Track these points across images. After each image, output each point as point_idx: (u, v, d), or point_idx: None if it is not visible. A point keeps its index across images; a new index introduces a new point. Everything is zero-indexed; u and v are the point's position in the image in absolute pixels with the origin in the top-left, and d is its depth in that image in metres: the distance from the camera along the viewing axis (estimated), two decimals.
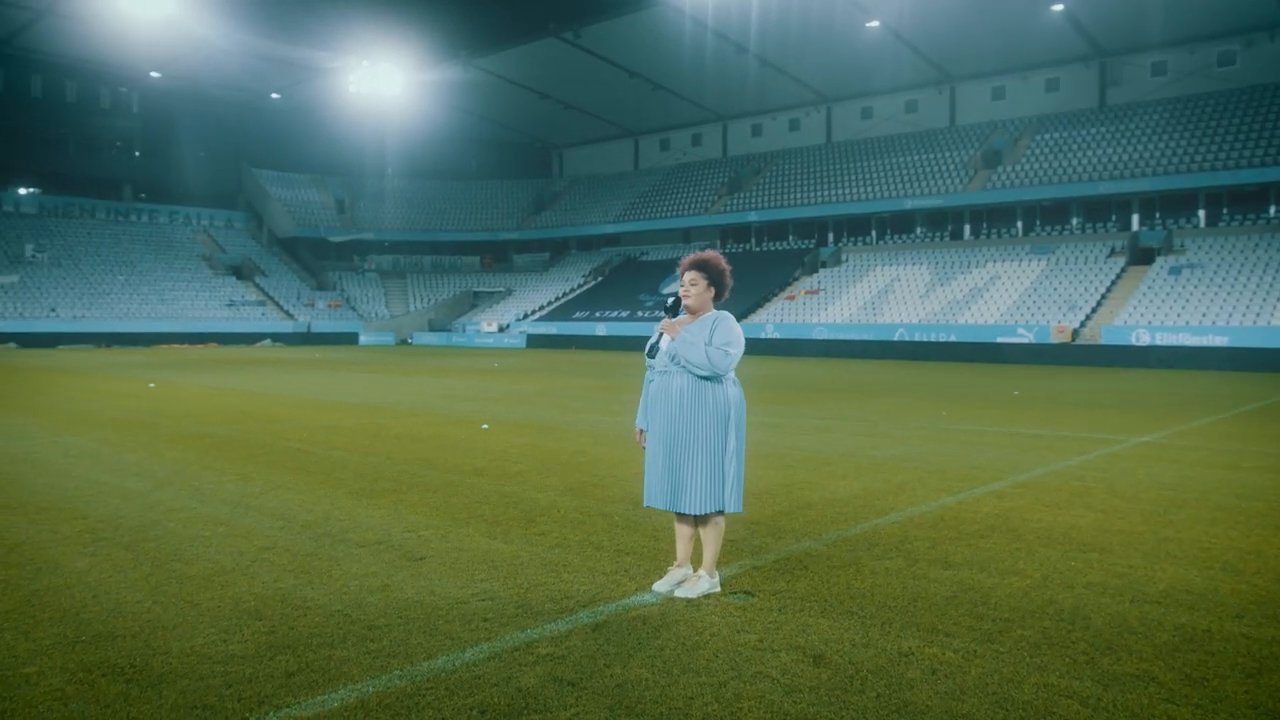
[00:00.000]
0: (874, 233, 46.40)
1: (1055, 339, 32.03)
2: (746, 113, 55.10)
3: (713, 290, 4.45)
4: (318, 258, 60.47)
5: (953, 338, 34.42)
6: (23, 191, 54.23)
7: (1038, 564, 4.93)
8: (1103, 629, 3.90)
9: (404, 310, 57.53)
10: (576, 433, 10.71)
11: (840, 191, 46.82)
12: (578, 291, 53.59)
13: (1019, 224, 41.73)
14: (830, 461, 8.53)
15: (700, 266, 4.43)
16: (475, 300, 59.55)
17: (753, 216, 49.65)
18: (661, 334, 4.41)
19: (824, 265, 45.75)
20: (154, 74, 52.39)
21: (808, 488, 7.18)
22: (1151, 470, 8.11)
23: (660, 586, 4.45)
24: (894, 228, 46.07)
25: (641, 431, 4.54)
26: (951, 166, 44.00)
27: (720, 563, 4.96)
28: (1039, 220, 41.39)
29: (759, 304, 43.35)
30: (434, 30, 44.82)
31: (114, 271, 49.94)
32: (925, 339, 35.09)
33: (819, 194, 47.64)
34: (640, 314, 45.97)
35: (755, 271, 46.59)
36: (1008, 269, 38.31)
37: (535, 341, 47.74)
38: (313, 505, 6.46)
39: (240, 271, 56.03)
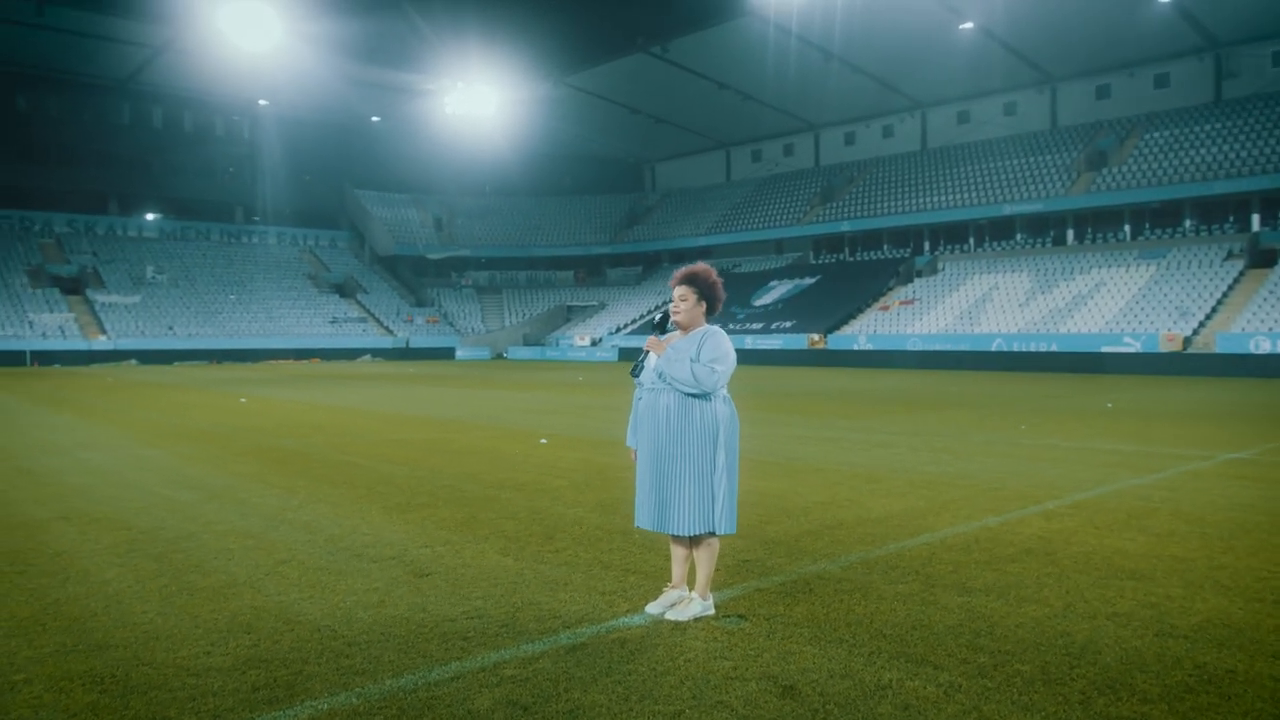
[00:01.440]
0: (971, 240, 45.05)
1: (1165, 348, 30.41)
2: (838, 121, 54.32)
3: (704, 305, 4.34)
4: (416, 275, 62.25)
5: (1053, 348, 33.06)
6: (149, 217, 57.56)
7: (1063, 591, 4.62)
8: (1111, 665, 3.61)
9: (499, 325, 58.64)
10: (621, 448, 10.64)
11: (936, 199, 45.64)
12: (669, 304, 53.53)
13: (1126, 228, 39.87)
14: (879, 479, 8.25)
15: (690, 281, 4.33)
16: (569, 314, 60.27)
17: (845, 226, 48.82)
18: (648, 352, 4.32)
19: (919, 274, 44.63)
20: (262, 102, 54.96)
21: (845, 506, 6.94)
22: (1228, 490, 7.55)
23: (653, 608, 4.34)
24: (992, 234, 44.64)
25: (635, 450, 4.45)
26: (1053, 169, 42.39)
27: (724, 584, 4.83)
28: (1148, 223, 39.46)
29: (852, 315, 42.57)
30: (526, 51, 45.70)
31: (226, 291, 52.43)
32: (1024, 349, 33.80)
33: (914, 202, 46.55)
34: (733, 326, 45.66)
35: (848, 282, 45.82)
36: (1114, 275, 36.60)
37: (627, 354, 47.94)
38: (344, 519, 6.57)
39: (343, 289, 58.09)
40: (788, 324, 43.23)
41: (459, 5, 41.61)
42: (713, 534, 4.22)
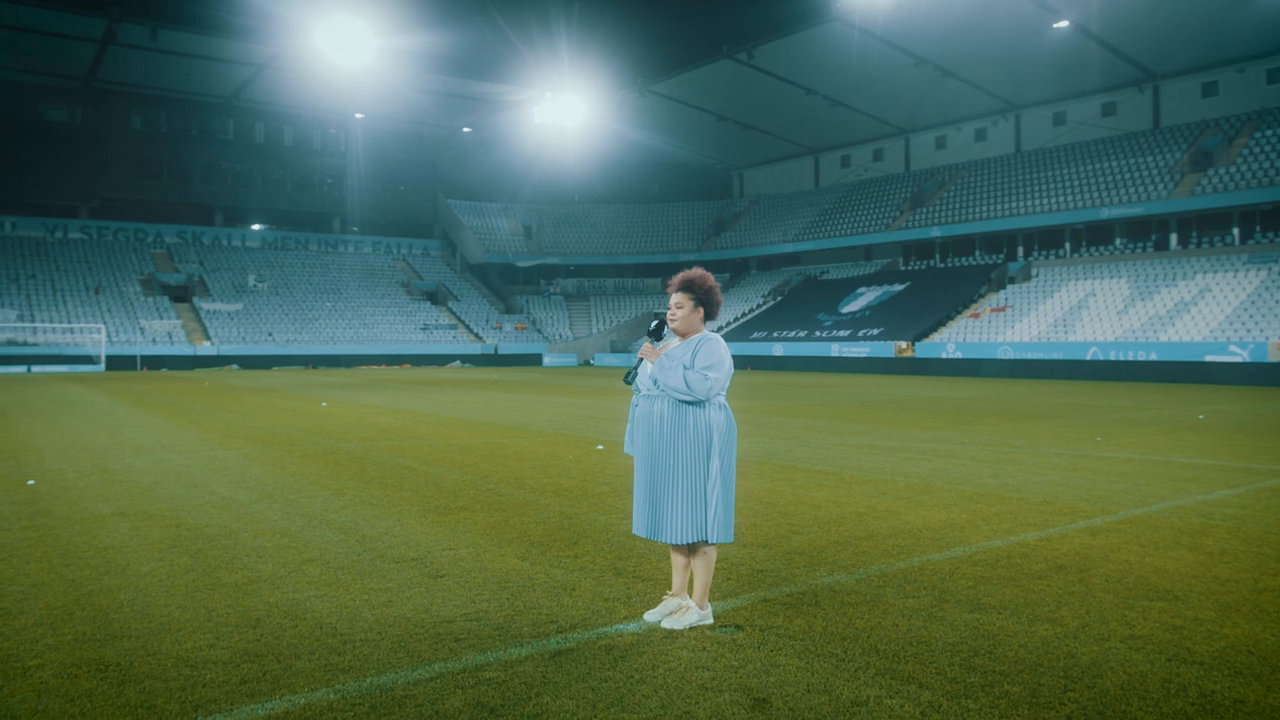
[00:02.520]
0: (1067, 245, 43.44)
1: (1274, 357, 28.74)
2: (929, 125, 53.11)
3: (701, 311, 4.30)
4: (506, 282, 63.33)
5: (1153, 356, 31.60)
6: (252, 228, 60.16)
7: (1083, 611, 4.42)
8: (1109, 690, 3.44)
9: (587, 332, 59.15)
10: None
11: (1030, 203, 44.18)
12: (756, 312, 53.24)
13: (1235, 231, 37.84)
14: (930, 489, 8.02)
15: (686, 287, 4.30)
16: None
17: (936, 232, 47.67)
18: (642, 359, 4.30)
19: (1012, 281, 43.26)
20: (359, 115, 56.81)
21: (883, 517, 6.78)
22: None
23: (650, 616, 4.32)
24: (1090, 239, 42.96)
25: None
26: (1154, 171, 40.56)
27: (731, 593, 4.77)
28: (1259, 226, 37.38)
29: (941, 323, 41.51)
30: (612, 59, 46.15)
31: (323, 298, 54.30)
32: (1121, 358, 32.40)
33: (1007, 206, 45.16)
34: (819, 334, 45.09)
35: (938, 289, 44.73)
36: (1220, 280, 34.78)
37: None
38: (380, 521, 6.73)
39: (435, 297, 59.50)
40: (875, 331, 42.42)
41: (547, 16, 42.31)
42: (706, 542, 4.17)
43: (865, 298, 47.25)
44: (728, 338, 49.90)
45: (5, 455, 10.84)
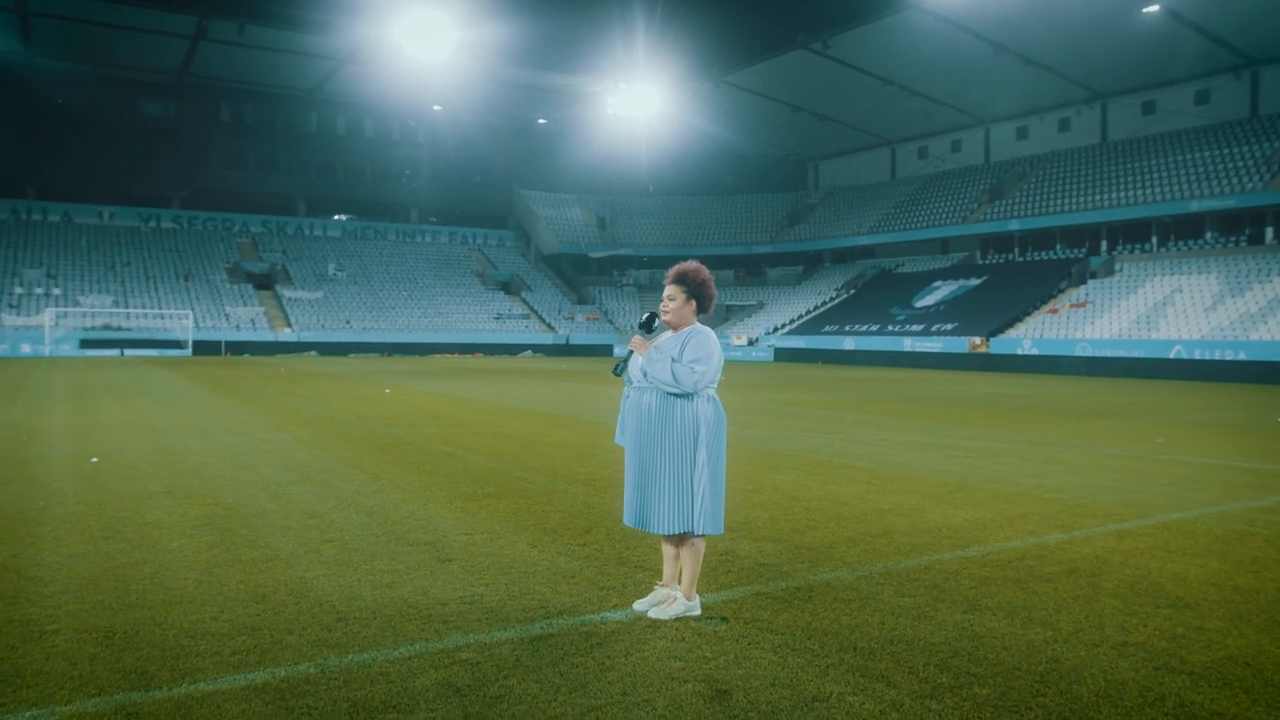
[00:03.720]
0: (1154, 239, 41.81)
1: None
2: (1010, 115, 51.64)
3: (693, 303, 4.32)
4: (579, 273, 63.85)
5: (1242, 356, 30.27)
6: (333, 218, 61.87)
7: (1082, 615, 4.31)
8: (1083, 697, 3.37)
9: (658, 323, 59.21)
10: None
11: (1116, 195, 42.67)
12: (829, 305, 52.63)
13: None
14: (964, 488, 7.87)
15: (679, 279, 4.32)
16: (728, 313, 60.16)
17: (1014, 225, 46.41)
18: (632, 352, 4.34)
19: (1093, 275, 41.86)
20: (436, 107, 57.80)
21: (907, 514, 6.69)
22: None
23: (640, 605, 4.37)
24: (1178, 233, 41.28)
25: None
26: (1250, 162, 38.74)
27: (727, 585, 4.79)
28: None
29: (1018, 318, 40.41)
30: (686, 51, 45.99)
31: (399, 287, 55.55)
32: (1207, 357, 31.12)
33: (1091, 198, 43.69)
34: (891, 328, 44.38)
35: (1015, 283, 43.55)
36: None
37: (782, 355, 47.43)
38: (406, 505, 6.91)
39: (508, 287, 60.33)
40: (949, 326, 41.55)
41: (623, 7, 42.40)
42: (691, 534, 4.20)
43: (940, 292, 46.29)
44: (798, 331, 49.49)
45: (80, 433, 11.42)
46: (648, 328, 4.37)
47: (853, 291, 53.15)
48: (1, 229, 50.73)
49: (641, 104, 51.97)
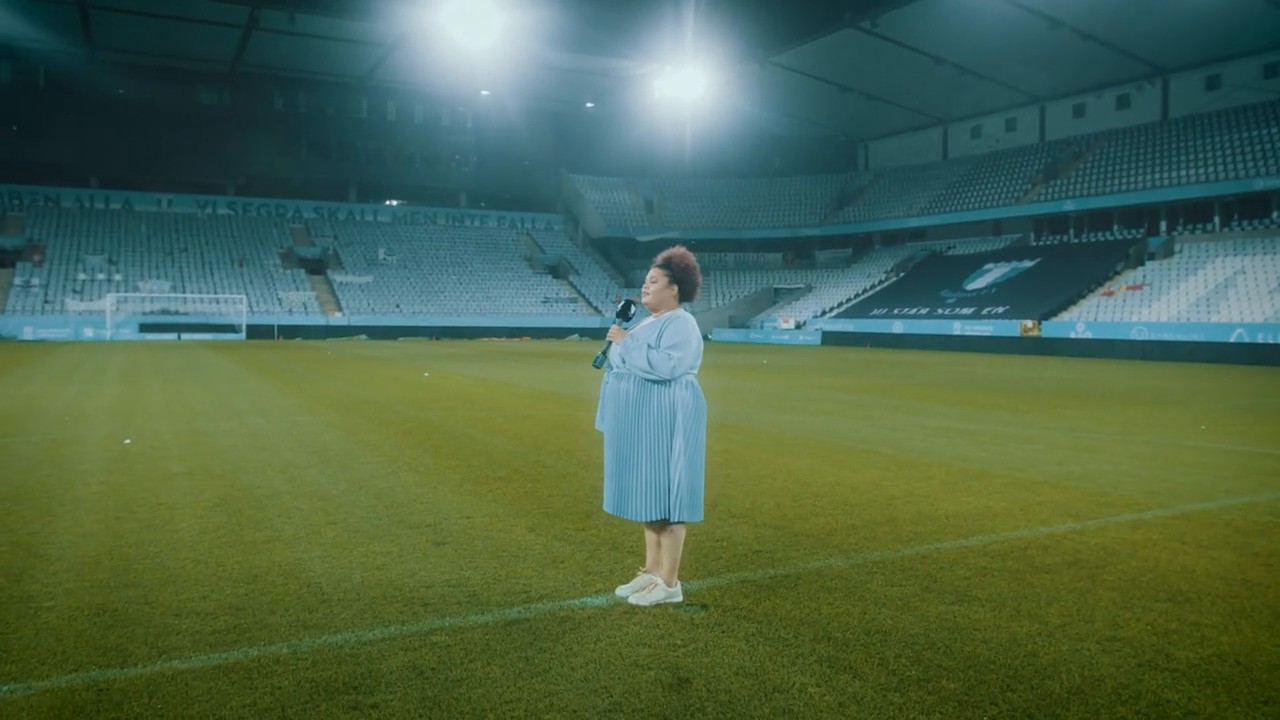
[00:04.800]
0: (1216, 219, 40.48)
1: None
2: (1066, 92, 50.28)
3: (675, 288, 4.27)
4: (627, 256, 63.85)
5: None
6: (384, 203, 62.69)
7: (1073, 608, 4.19)
8: (1053, 692, 3.28)
9: (706, 307, 59.01)
10: (750, 431, 10.53)
11: (1177, 174, 41.36)
12: (878, 288, 51.96)
13: None
14: (983, 475, 7.72)
15: (664, 263, 4.29)
16: (776, 297, 59.75)
17: (1070, 205, 45.28)
18: (611, 341, 4.31)
19: (1151, 257, 40.71)
20: (484, 93, 58.11)
21: (918, 501, 6.58)
22: None
23: (621, 590, 4.37)
24: (1242, 213, 39.89)
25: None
26: None
27: (714, 571, 4.76)
28: None
29: (1071, 301, 39.47)
30: (732, 32, 45.57)
31: (448, 271, 56.11)
32: (1272, 340, 30.08)
33: (1150, 177, 42.42)
34: (941, 311, 43.69)
35: (1070, 265, 42.53)
36: None
37: (830, 339, 46.97)
38: (415, 488, 6.99)
39: (556, 270, 60.57)
40: (1000, 309, 40.75)
41: None
42: (668, 521, 4.17)
43: (992, 274, 45.40)
44: (846, 314, 48.94)
45: (121, 415, 11.74)
46: (624, 315, 4.34)
47: (902, 274, 52.39)
48: (66, 217, 52.31)
49: (688, 86, 51.63)
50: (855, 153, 66.91)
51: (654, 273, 4.29)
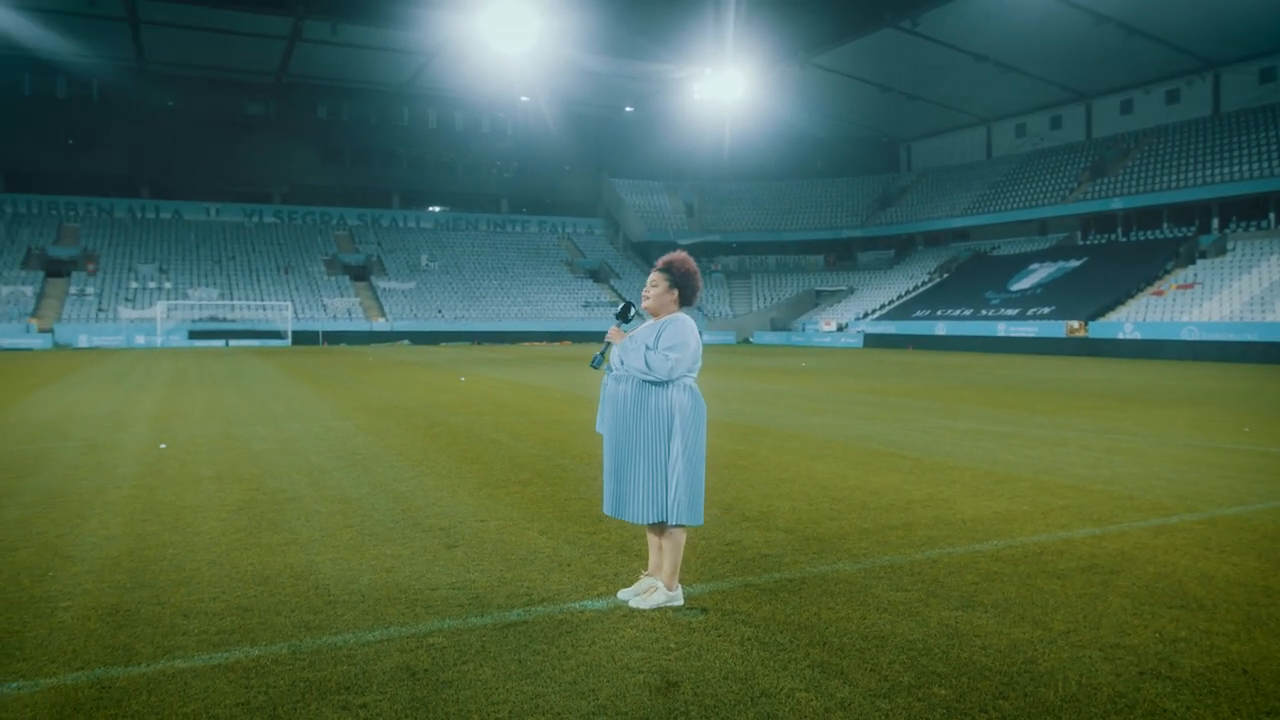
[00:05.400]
0: (1271, 216, 39.40)
1: None
2: (1113, 88, 49.31)
3: (675, 292, 4.28)
4: None
5: None
6: (427, 210, 63.45)
7: (1080, 615, 4.12)
8: (1047, 700, 3.22)
9: (747, 310, 58.84)
10: (778, 434, 10.47)
11: (1229, 170, 40.35)
12: (921, 289, 51.41)
13: None
14: (1008, 479, 7.60)
15: (664, 268, 4.30)
16: (817, 299, 59.37)
17: (1117, 203, 44.39)
18: (609, 342, 4.33)
19: (1203, 255, 39.74)
20: (524, 98, 58.55)
21: (938, 505, 6.49)
22: None
23: (623, 594, 4.38)
24: None
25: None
26: None
27: (719, 575, 4.75)
28: None
29: (1119, 301, 38.68)
30: (771, 33, 45.40)
31: (490, 277, 56.58)
32: None
33: (1201, 174, 41.43)
34: (985, 312, 43.08)
35: (1118, 264, 41.69)
36: None
37: (872, 341, 46.55)
38: (436, 491, 7.06)
39: (597, 275, 60.78)
40: (1045, 310, 40.08)
41: None
42: (665, 523, 4.17)
43: (1037, 274, 44.68)
44: (888, 316, 48.47)
45: (161, 421, 12.02)
46: (623, 317, 4.36)
47: (946, 275, 51.76)
48: (119, 227, 53.69)
49: (727, 89, 51.53)
50: (897, 153, 66.28)
51: (654, 277, 4.31)
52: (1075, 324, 37.51)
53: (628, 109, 62.02)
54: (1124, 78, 47.52)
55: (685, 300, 4.31)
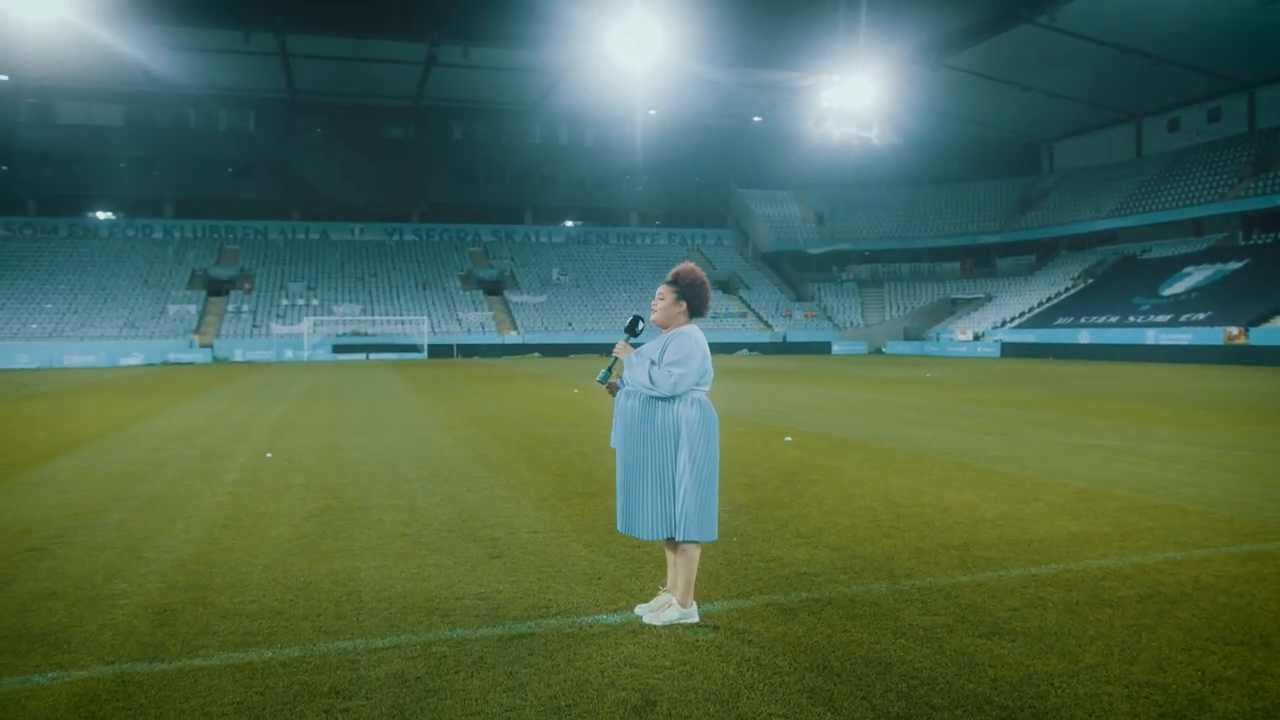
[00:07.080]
0: None
1: None
2: None
3: (683, 304, 4.26)
4: (798, 270, 63.08)
5: None
6: (562, 224, 64.95)
7: (1118, 648, 3.82)
8: None
9: (879, 319, 57.43)
10: (869, 448, 10.16)
11: None
12: (1064, 295, 48.93)
13: None
14: (1098, 497, 7.12)
15: (672, 280, 4.28)
16: (953, 307, 57.34)
17: None
18: (616, 357, 4.33)
19: None
20: (652, 112, 59.03)
21: (1008, 525, 6.15)
22: None
23: (640, 609, 4.35)
24: None
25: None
26: None
27: (745, 593, 4.65)
28: None
29: None
30: (900, 36, 44.30)
31: (620, 289, 57.30)
32: None
33: None
34: (1133, 319, 40.62)
35: None
36: None
37: (1010, 350, 44.58)
38: (503, 502, 7.20)
39: (726, 285, 60.60)
40: (1201, 316, 37.43)
41: None
42: (673, 539, 4.12)
43: (1192, 278, 41.79)
44: (1028, 324, 46.35)
45: (278, 431, 12.72)
46: (631, 331, 4.35)
47: (1090, 281, 49.09)
48: (272, 248, 57.28)
49: (856, 95, 50.47)
50: (1038, 154, 63.40)
51: (662, 289, 4.29)
52: (1234, 330, 34.84)
53: (755, 119, 61.68)
54: None
55: (694, 312, 4.27)
